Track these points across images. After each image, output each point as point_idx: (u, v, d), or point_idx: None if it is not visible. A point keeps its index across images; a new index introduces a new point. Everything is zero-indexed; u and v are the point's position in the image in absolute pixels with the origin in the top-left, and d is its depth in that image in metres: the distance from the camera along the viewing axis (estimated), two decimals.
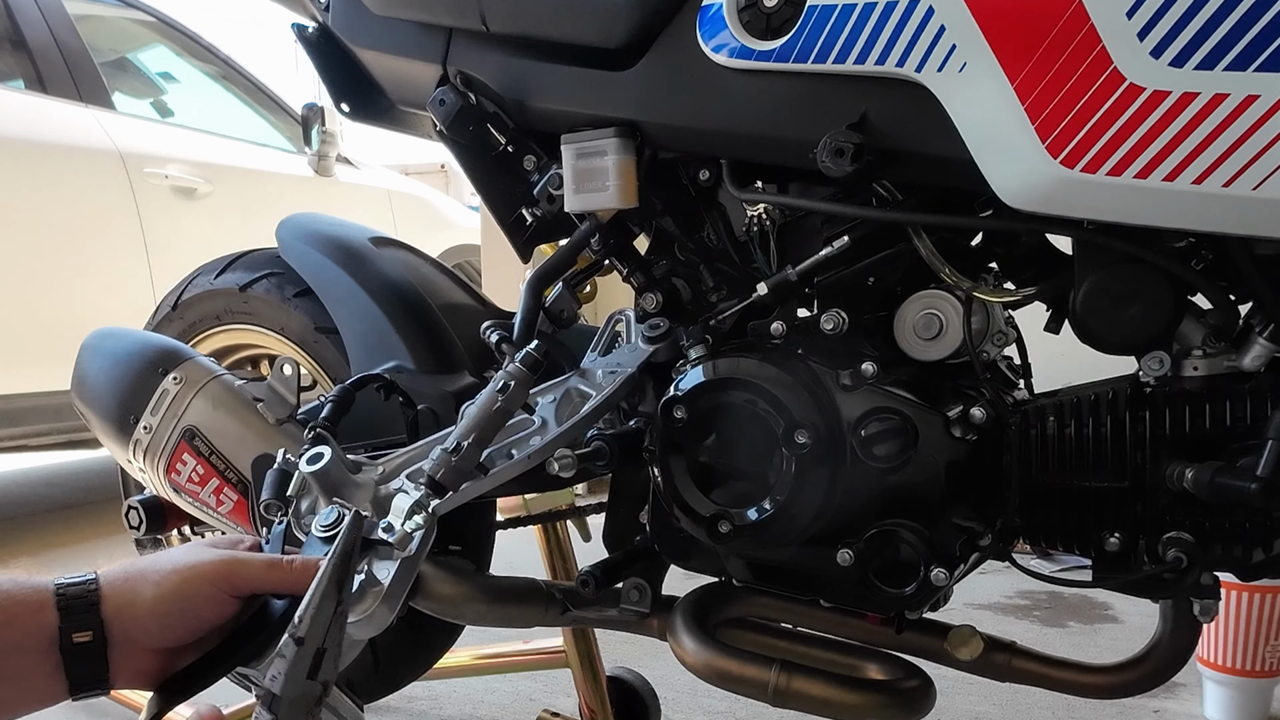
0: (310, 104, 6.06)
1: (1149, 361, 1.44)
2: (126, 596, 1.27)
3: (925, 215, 1.53)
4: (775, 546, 1.61)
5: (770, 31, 1.48)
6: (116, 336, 2.18)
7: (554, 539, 2.51)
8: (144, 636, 1.27)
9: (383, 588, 1.46)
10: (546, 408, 1.75)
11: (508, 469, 1.63)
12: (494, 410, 1.59)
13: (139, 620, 1.26)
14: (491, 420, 1.59)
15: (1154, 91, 1.22)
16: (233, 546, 1.42)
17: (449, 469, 1.58)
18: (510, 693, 3.07)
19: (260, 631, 1.35)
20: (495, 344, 1.81)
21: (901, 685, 1.60)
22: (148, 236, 5.10)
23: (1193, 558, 1.43)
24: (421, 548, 1.53)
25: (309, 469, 1.67)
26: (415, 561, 1.52)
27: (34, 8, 5.07)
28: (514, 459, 1.65)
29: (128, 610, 1.26)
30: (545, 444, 1.65)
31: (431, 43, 1.89)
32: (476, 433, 1.59)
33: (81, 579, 1.28)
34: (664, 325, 1.72)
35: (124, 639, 1.26)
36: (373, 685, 2.40)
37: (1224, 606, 2.49)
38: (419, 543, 1.53)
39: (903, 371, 1.58)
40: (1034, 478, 1.52)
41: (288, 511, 1.68)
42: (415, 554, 1.52)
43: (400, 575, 1.49)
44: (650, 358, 1.72)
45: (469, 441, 1.58)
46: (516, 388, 1.59)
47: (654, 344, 1.72)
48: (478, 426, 1.59)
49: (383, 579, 1.48)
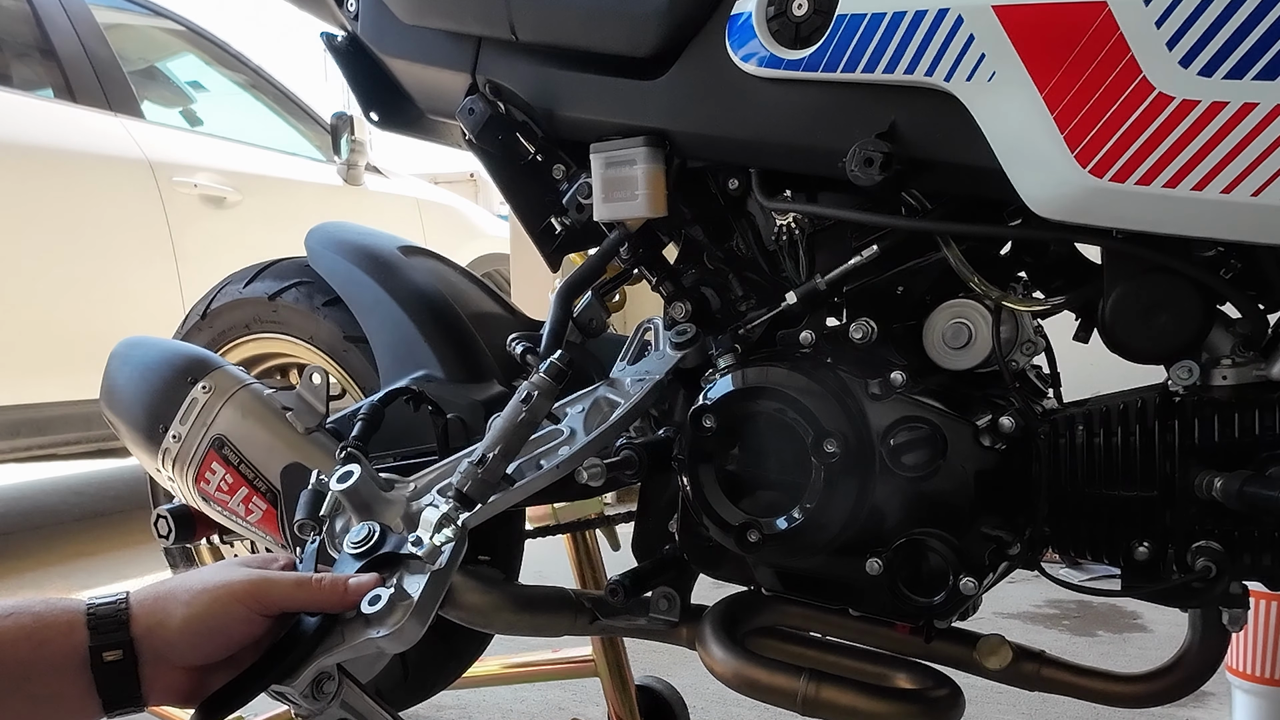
0: (339, 113, 6.07)
1: (1178, 371, 1.43)
2: (157, 616, 1.29)
3: (954, 224, 1.53)
4: (804, 555, 1.61)
5: (799, 41, 1.48)
6: (145, 345, 2.19)
7: (583, 548, 2.51)
8: (175, 655, 1.29)
9: (412, 601, 1.46)
10: (575, 418, 1.75)
11: (536, 480, 1.63)
12: (519, 422, 1.59)
13: (169, 639, 1.28)
14: (516, 432, 1.59)
15: (1183, 100, 1.22)
16: (265, 566, 1.43)
17: (475, 482, 1.58)
18: (539, 701, 3.07)
19: (293, 650, 1.36)
20: (520, 355, 1.81)
21: (930, 694, 1.59)
22: (177, 245, 5.12)
23: (1222, 567, 1.42)
24: (451, 561, 1.53)
25: (339, 487, 1.68)
26: (445, 575, 1.52)
27: (63, 16, 5.09)
28: (542, 470, 1.64)
29: (158, 630, 1.28)
30: (573, 454, 1.65)
31: (460, 52, 1.89)
32: (502, 445, 1.59)
33: (112, 599, 1.30)
34: (691, 330, 1.72)
35: (155, 657, 1.28)
36: (402, 694, 2.40)
37: (1253, 615, 2.48)
38: (449, 556, 1.53)
39: (932, 381, 1.57)
40: (1063, 487, 1.52)
41: (321, 530, 1.69)
42: (445, 568, 1.52)
43: (430, 589, 1.49)
44: (679, 364, 1.72)
45: (494, 454, 1.58)
46: (540, 398, 1.59)
47: (682, 350, 1.72)
48: (503, 438, 1.59)
49: (412, 593, 1.48)
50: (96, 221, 4.81)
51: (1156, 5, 1.21)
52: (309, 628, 1.38)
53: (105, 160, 4.91)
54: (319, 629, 1.38)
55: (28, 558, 5.01)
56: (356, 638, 1.42)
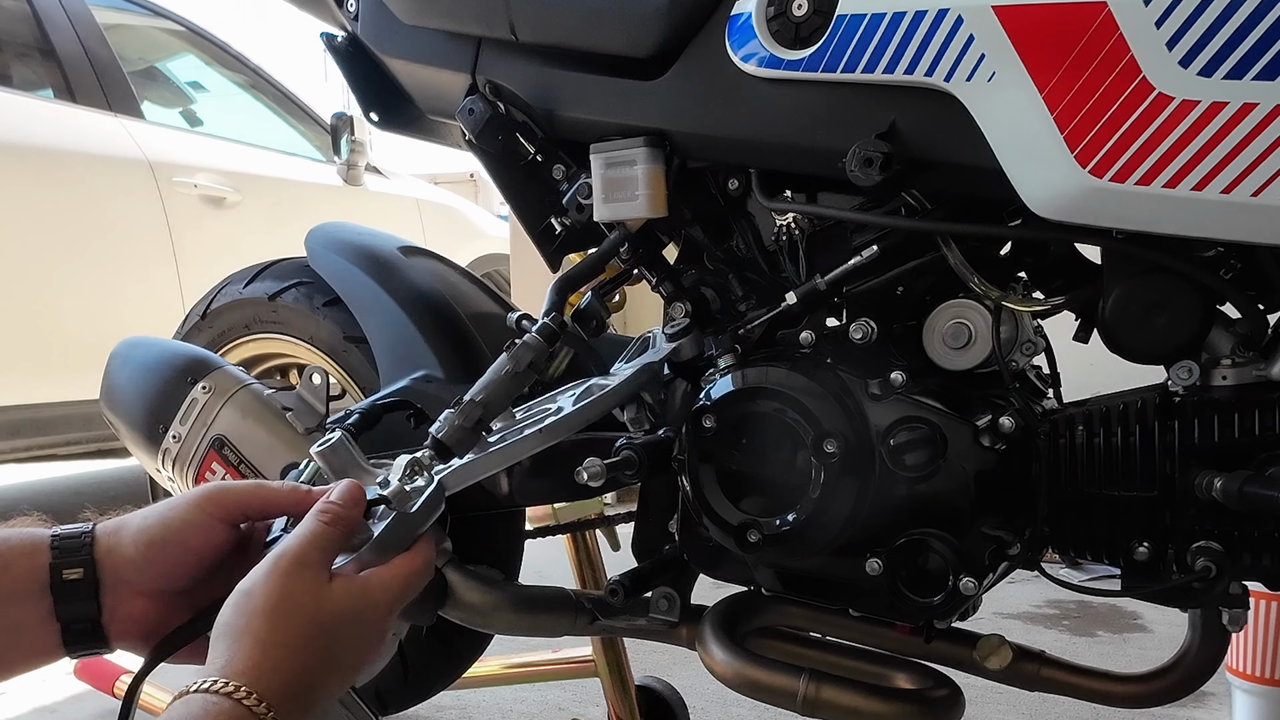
0: (339, 113, 6.08)
1: (1178, 371, 1.44)
2: (115, 535, 1.26)
3: (954, 224, 1.53)
4: (804, 555, 1.61)
5: (799, 41, 1.48)
6: (145, 346, 2.19)
7: (583, 548, 2.51)
8: (134, 575, 1.26)
9: (370, 535, 1.38)
10: (566, 400, 1.74)
11: (516, 444, 1.61)
12: (503, 373, 1.59)
13: (128, 557, 1.25)
14: (501, 383, 1.59)
15: (1182, 100, 1.22)
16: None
17: (452, 429, 1.57)
18: (539, 701, 3.07)
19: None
20: (516, 322, 1.79)
21: (930, 694, 1.60)
22: (176, 246, 5.12)
23: (1222, 567, 1.42)
24: (424, 510, 1.45)
25: (317, 449, 1.67)
26: (413, 520, 1.42)
27: (63, 17, 5.09)
28: (524, 435, 1.64)
29: (117, 549, 1.26)
30: (558, 421, 1.63)
31: (460, 52, 1.89)
32: (483, 394, 1.59)
33: (77, 527, 1.28)
34: (685, 321, 1.72)
35: (115, 580, 1.25)
36: (402, 694, 2.40)
37: (1253, 615, 2.48)
38: (421, 504, 1.44)
39: (931, 381, 1.57)
40: (1063, 487, 1.52)
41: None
42: (415, 513, 1.43)
43: (392, 528, 1.39)
44: (672, 354, 1.72)
45: (475, 399, 1.58)
46: (527, 349, 1.60)
47: (675, 340, 1.72)
48: (486, 389, 1.59)
49: (374, 530, 1.40)
50: (96, 222, 4.82)
51: (1156, 5, 1.21)
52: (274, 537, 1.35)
53: (105, 160, 4.91)
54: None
55: None
56: None
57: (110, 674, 2.70)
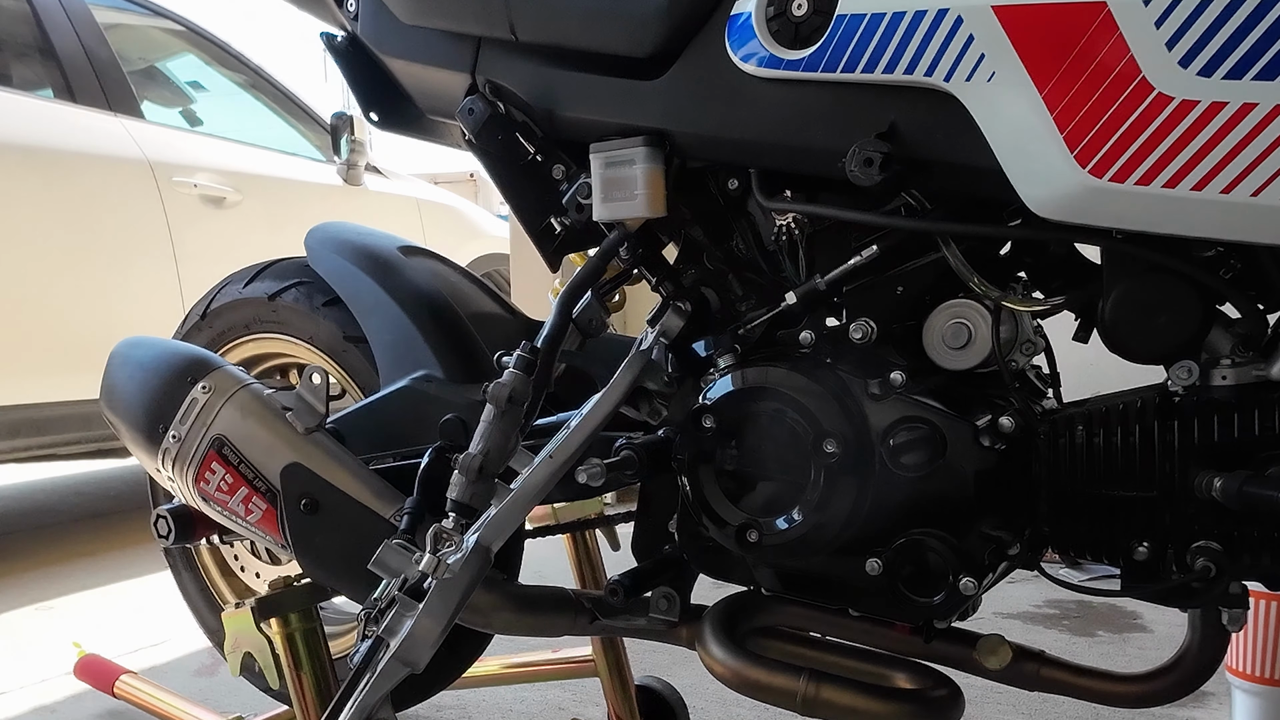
0: (339, 113, 6.08)
1: (1177, 371, 1.44)
2: None
3: (954, 224, 1.53)
4: (804, 555, 1.61)
5: (799, 41, 1.49)
6: (145, 345, 2.18)
7: (583, 548, 2.51)
8: None
9: (417, 608, 1.43)
10: (574, 417, 1.74)
11: (534, 474, 1.63)
12: (491, 418, 1.60)
13: None
14: (491, 427, 1.60)
15: (1182, 101, 1.22)
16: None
17: (462, 487, 1.58)
18: (539, 701, 3.07)
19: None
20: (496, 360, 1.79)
21: (930, 694, 1.60)
22: (176, 245, 5.12)
23: (1221, 567, 1.42)
24: (466, 573, 1.50)
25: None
26: (456, 585, 1.48)
27: (63, 16, 5.08)
28: (535, 462, 1.64)
29: None
30: (568, 437, 1.65)
31: (460, 52, 1.89)
32: (480, 444, 1.60)
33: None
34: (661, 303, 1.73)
35: None
36: (402, 694, 2.39)
37: (1253, 615, 2.48)
38: (460, 568, 1.49)
39: (931, 381, 1.58)
40: (1062, 487, 1.52)
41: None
42: (455, 579, 1.49)
43: (437, 597, 1.46)
44: (662, 335, 1.72)
45: (478, 452, 1.59)
46: (500, 387, 1.61)
47: (653, 323, 1.73)
48: (479, 438, 1.60)
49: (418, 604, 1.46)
50: (96, 221, 4.81)
51: (1156, 5, 1.21)
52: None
53: (105, 160, 4.90)
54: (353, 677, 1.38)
55: (28, 558, 5.01)
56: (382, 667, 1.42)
57: (110, 674, 2.70)
